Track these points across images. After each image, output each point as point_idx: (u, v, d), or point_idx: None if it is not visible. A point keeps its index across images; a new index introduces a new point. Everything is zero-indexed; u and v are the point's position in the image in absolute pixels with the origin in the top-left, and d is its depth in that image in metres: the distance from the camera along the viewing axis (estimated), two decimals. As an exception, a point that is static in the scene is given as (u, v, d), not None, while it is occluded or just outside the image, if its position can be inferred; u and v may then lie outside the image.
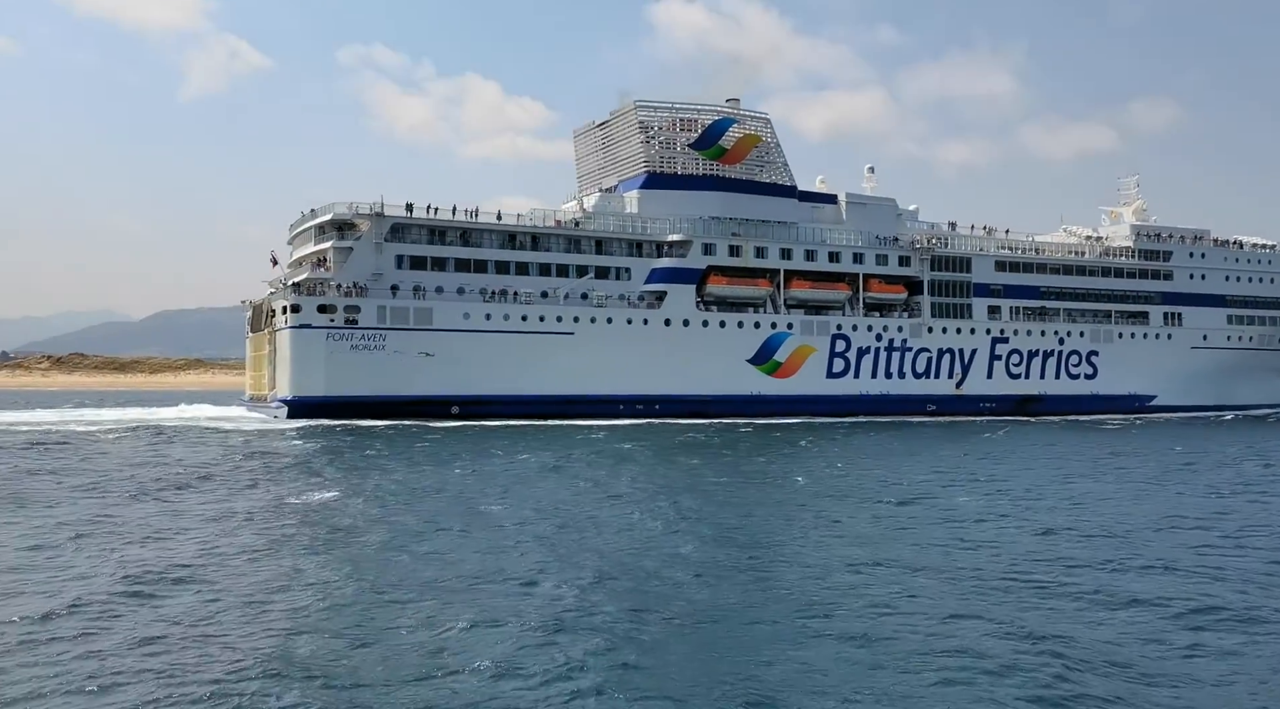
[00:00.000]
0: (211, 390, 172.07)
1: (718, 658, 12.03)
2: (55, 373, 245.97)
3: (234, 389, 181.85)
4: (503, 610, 14.01)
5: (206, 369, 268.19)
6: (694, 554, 18.37)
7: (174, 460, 35.58)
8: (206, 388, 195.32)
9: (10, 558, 17.47)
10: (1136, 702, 10.58)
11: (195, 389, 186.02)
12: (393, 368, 60.08)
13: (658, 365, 66.48)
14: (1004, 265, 79.84)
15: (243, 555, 17.97)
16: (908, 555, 18.44)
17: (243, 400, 71.41)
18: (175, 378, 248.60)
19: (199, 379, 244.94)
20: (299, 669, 11.29)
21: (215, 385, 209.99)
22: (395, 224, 62.41)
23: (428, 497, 26.35)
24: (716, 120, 72.61)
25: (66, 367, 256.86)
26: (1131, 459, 40.27)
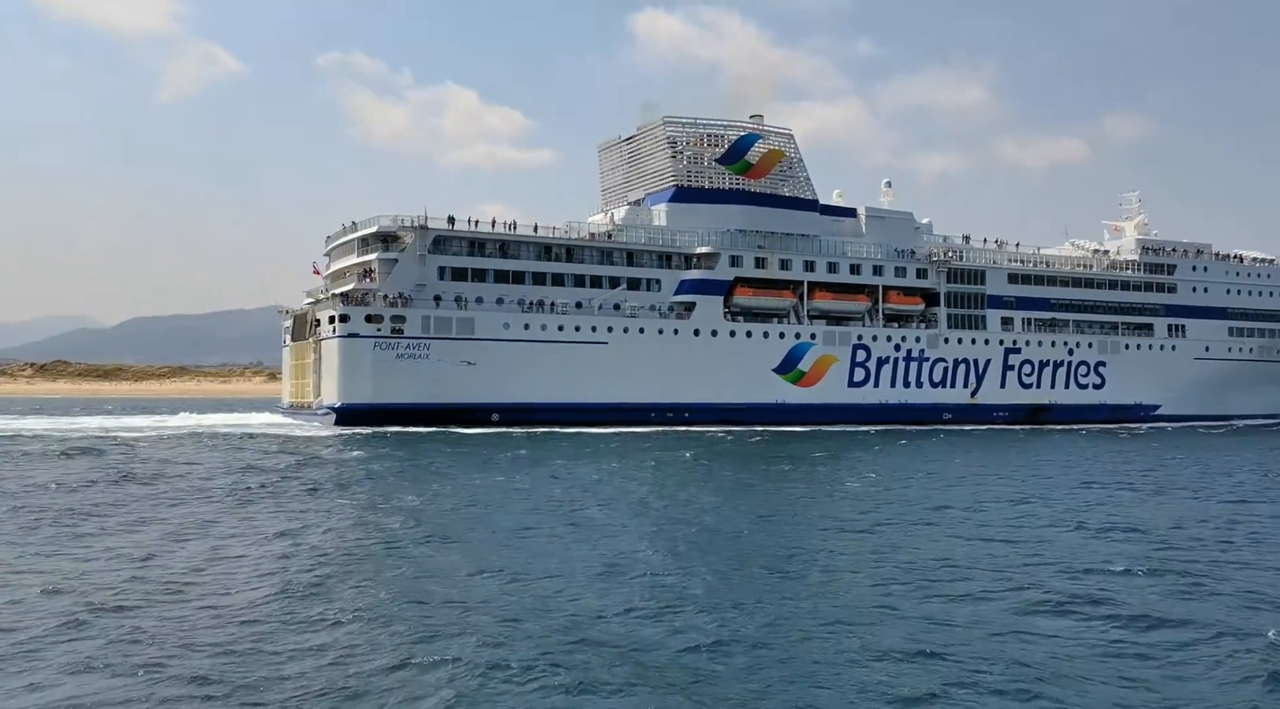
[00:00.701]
0: (208, 398, 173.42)
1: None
2: (39, 380, 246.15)
3: (227, 397, 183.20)
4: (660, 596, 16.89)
5: (191, 377, 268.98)
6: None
7: (265, 466, 38.02)
8: (197, 395, 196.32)
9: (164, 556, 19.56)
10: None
11: (189, 397, 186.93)
12: (436, 376, 62.75)
13: (688, 374, 69.42)
14: (1016, 278, 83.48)
15: (384, 548, 20.28)
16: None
17: (279, 407, 73.65)
18: (160, 385, 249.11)
19: (185, 387, 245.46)
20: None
21: (205, 393, 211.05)
22: (438, 236, 65.17)
23: (522, 497, 29.14)
24: (742, 136, 75.87)
25: (50, 374, 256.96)
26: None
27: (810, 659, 12.47)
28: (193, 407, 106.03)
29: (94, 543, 19.93)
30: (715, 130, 75.94)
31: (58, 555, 18.61)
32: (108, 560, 18.07)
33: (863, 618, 14.50)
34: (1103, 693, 11.28)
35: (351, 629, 13.49)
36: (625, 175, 79.70)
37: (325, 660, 12.12)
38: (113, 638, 12.90)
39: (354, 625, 13.67)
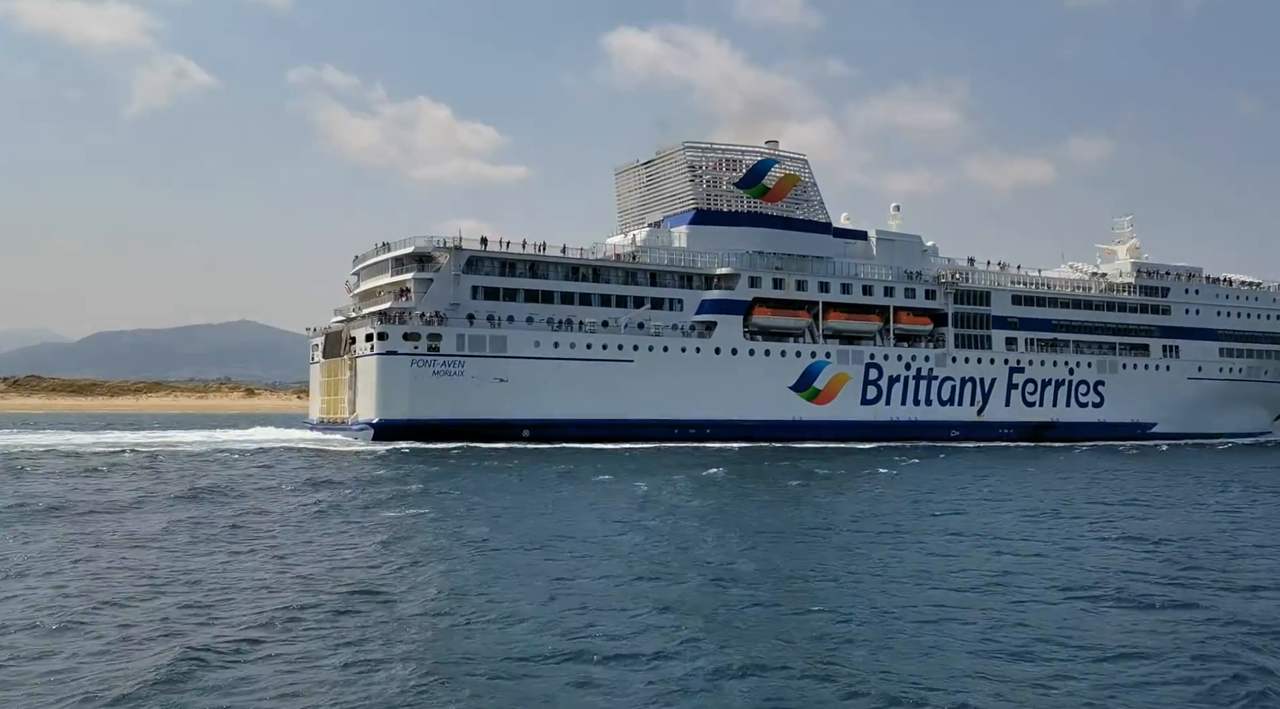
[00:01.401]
0: (198, 414, 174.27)
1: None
2: (14, 395, 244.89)
3: (215, 412, 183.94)
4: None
5: (167, 392, 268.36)
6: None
7: (321, 479, 40.48)
8: (183, 411, 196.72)
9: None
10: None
11: (176, 412, 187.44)
12: (470, 392, 65.43)
13: (709, 391, 72.46)
14: (1020, 299, 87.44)
15: (474, 552, 22.90)
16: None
17: (307, 423, 75.80)
18: (136, 400, 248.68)
19: (161, 402, 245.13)
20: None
21: (182, 408, 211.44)
22: (471, 257, 67.99)
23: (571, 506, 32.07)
24: (760, 160, 79.35)
25: (24, 389, 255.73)
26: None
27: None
28: (197, 423, 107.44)
29: (270, 553, 22.60)
30: (733, 155, 79.41)
31: (276, 563, 21.31)
32: (314, 568, 20.76)
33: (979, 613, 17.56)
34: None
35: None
36: (643, 198, 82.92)
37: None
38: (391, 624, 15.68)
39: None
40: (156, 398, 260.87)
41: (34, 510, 27.30)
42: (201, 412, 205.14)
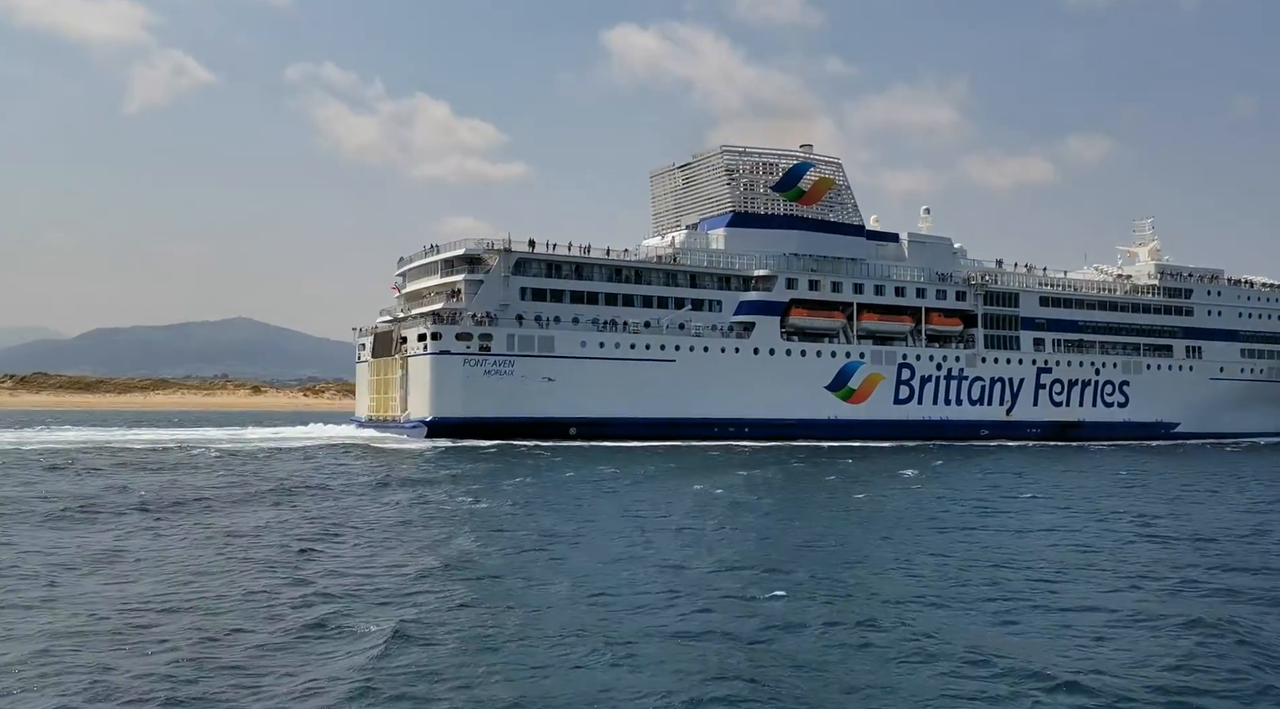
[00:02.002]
0: (210, 412, 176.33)
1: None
2: (22, 392, 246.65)
3: (223, 410, 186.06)
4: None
5: (174, 389, 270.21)
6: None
7: (402, 476, 42.92)
8: (193, 408, 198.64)
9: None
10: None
11: (192, 409, 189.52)
12: (520, 391, 67.87)
13: (747, 391, 74.91)
14: (1048, 300, 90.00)
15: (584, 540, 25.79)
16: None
17: (355, 421, 78.11)
18: (144, 398, 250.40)
19: (169, 399, 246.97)
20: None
21: (190, 405, 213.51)
22: (519, 259, 70.41)
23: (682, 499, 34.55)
24: (796, 164, 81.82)
25: (32, 385, 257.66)
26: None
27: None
28: (193, 420, 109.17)
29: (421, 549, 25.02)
30: (770, 158, 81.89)
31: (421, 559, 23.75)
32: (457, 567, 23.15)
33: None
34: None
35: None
36: (678, 200, 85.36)
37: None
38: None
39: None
40: (164, 395, 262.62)
41: (160, 506, 29.23)
42: (210, 409, 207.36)
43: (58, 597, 16.64)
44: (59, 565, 19.43)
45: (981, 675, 12.68)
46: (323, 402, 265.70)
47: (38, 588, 17.30)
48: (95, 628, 14.55)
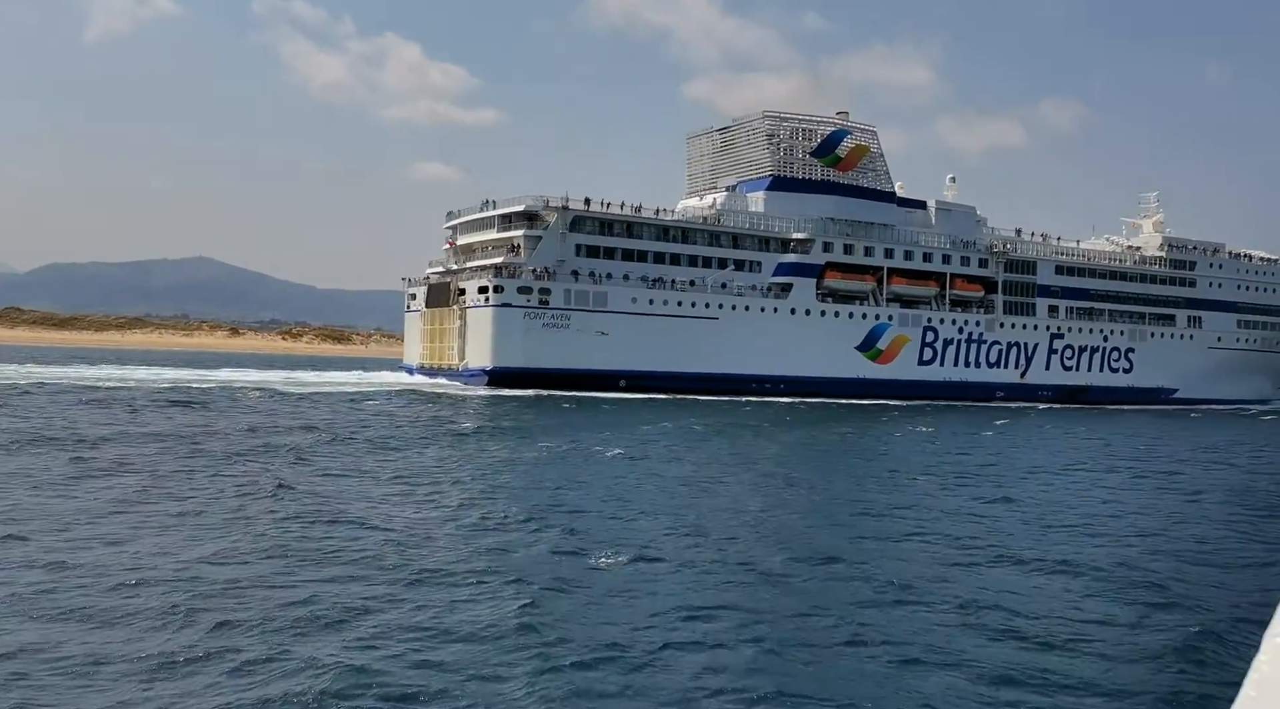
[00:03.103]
0: (202, 352, 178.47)
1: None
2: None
3: (230, 351, 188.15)
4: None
5: (153, 328, 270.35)
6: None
7: (489, 424, 47.33)
8: (171, 348, 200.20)
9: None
10: None
11: (177, 350, 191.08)
12: (575, 344, 72.19)
13: (784, 349, 79.72)
14: (1063, 269, 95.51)
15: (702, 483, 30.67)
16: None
17: (406, 368, 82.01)
18: (122, 336, 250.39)
19: (147, 339, 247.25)
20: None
21: (168, 345, 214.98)
22: (575, 216, 74.36)
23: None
24: (833, 131, 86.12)
25: (5, 321, 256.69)
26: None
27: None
28: (241, 362, 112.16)
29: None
30: (809, 125, 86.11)
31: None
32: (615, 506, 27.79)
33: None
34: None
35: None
36: (715, 163, 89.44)
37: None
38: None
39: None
40: (142, 334, 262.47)
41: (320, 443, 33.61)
42: (194, 349, 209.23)
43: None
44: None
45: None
46: (303, 345, 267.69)
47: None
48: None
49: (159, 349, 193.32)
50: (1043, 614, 13.76)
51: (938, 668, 11.32)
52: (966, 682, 10.89)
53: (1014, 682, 10.95)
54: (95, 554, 15.25)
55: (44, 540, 15.98)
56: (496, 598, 13.53)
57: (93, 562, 14.70)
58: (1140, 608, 14.38)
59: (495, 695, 10.00)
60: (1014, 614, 13.69)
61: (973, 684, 10.82)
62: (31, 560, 14.65)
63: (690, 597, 14.10)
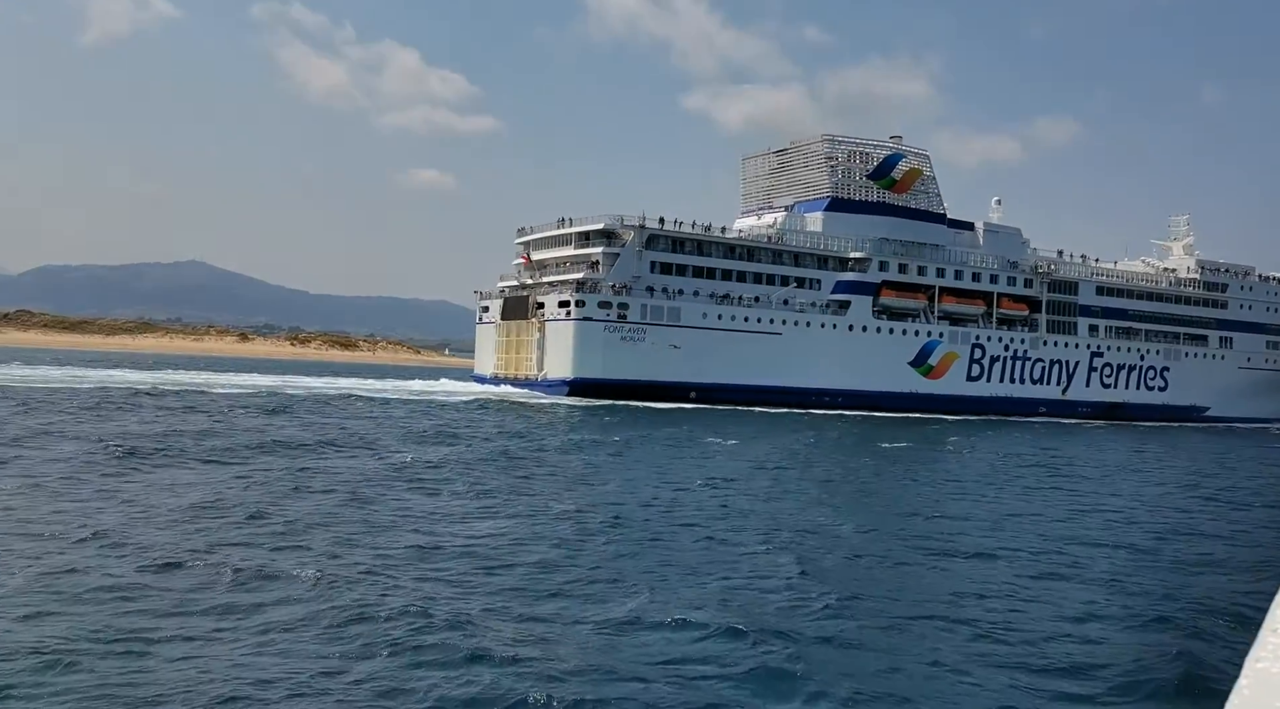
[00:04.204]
0: (245, 358, 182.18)
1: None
2: (9, 329, 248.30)
3: (244, 356, 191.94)
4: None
5: (163, 333, 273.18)
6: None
7: (589, 437, 51.85)
8: (184, 353, 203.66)
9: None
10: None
11: (195, 355, 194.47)
12: (650, 356, 76.69)
13: (842, 364, 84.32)
14: (1103, 290, 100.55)
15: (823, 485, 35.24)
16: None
17: (476, 377, 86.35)
18: (133, 340, 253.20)
19: (159, 343, 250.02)
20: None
21: (189, 351, 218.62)
22: (651, 234, 78.97)
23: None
24: (889, 155, 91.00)
25: (16, 323, 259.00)
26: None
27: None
28: (188, 364, 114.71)
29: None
30: (865, 148, 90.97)
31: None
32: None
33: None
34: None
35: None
36: (771, 183, 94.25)
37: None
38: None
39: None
40: (153, 338, 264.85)
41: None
42: (205, 354, 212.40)
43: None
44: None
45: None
46: (311, 351, 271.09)
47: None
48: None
49: (175, 354, 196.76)
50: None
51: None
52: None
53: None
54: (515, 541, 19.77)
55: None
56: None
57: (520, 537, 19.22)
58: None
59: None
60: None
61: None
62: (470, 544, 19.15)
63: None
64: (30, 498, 20.64)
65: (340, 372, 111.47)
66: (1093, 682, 12.08)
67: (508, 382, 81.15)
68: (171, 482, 23.87)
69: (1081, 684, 11.99)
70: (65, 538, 16.66)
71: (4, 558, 15.11)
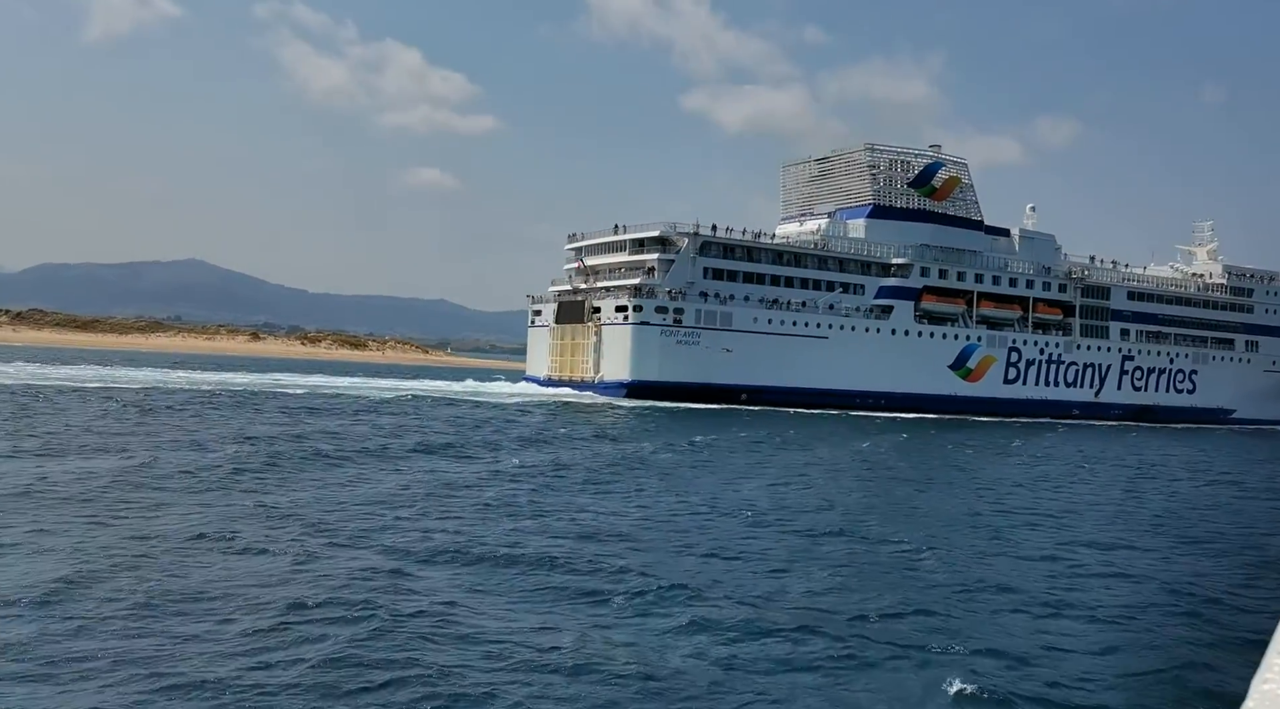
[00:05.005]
0: (236, 356, 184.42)
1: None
2: (22, 328, 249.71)
3: (257, 355, 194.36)
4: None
5: (174, 331, 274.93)
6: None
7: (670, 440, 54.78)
8: (195, 352, 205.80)
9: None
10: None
11: (211, 354, 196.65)
12: (704, 359, 79.54)
13: (885, 367, 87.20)
14: (1134, 295, 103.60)
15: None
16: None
17: (529, 379, 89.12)
18: (146, 339, 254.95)
19: (171, 342, 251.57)
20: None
21: (191, 349, 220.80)
22: (704, 241, 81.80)
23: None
24: (929, 163, 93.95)
25: (29, 322, 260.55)
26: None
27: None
28: (198, 362, 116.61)
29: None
30: (906, 157, 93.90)
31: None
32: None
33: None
34: None
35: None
36: (812, 190, 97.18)
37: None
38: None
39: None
40: (165, 338, 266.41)
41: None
42: (219, 353, 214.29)
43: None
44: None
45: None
46: (322, 351, 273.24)
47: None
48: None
49: (190, 353, 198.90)
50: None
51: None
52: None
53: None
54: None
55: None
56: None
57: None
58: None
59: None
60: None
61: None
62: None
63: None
64: (316, 493, 23.53)
65: (378, 372, 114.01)
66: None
67: (563, 383, 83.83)
68: (453, 478, 26.90)
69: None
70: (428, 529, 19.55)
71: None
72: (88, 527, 18.25)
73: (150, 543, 17.11)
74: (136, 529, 18.26)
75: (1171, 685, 12.70)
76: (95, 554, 16.04)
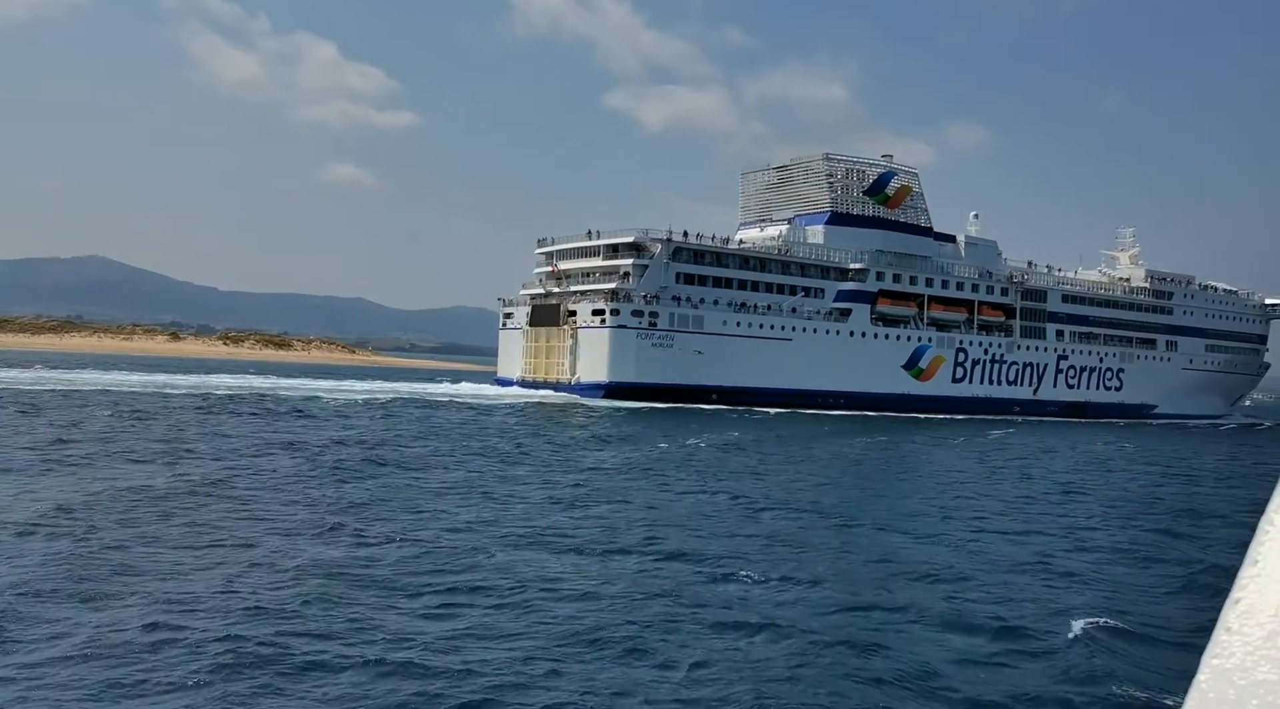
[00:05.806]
0: (162, 358, 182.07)
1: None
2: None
3: (154, 356, 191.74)
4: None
5: (91, 333, 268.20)
6: None
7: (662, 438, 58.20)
8: (115, 352, 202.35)
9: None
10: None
11: (135, 355, 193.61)
12: (677, 361, 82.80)
13: (843, 368, 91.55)
14: (1068, 298, 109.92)
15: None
16: None
17: (503, 381, 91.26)
18: (60, 340, 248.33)
19: (85, 342, 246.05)
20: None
21: (108, 350, 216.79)
22: (677, 246, 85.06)
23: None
24: (883, 172, 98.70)
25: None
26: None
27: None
28: (179, 368, 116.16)
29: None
30: (861, 166, 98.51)
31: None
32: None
33: None
34: None
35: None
36: (770, 197, 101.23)
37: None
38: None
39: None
40: (80, 338, 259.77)
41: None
42: (137, 354, 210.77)
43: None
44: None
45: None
46: (245, 351, 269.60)
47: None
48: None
49: (106, 354, 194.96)
50: None
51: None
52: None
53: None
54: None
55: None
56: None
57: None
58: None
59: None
60: None
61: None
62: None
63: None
64: (441, 496, 26.09)
65: (332, 374, 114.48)
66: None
67: (539, 385, 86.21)
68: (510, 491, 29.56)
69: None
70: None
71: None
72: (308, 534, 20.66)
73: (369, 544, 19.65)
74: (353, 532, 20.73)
75: (1124, 661, 13.54)
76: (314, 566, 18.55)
